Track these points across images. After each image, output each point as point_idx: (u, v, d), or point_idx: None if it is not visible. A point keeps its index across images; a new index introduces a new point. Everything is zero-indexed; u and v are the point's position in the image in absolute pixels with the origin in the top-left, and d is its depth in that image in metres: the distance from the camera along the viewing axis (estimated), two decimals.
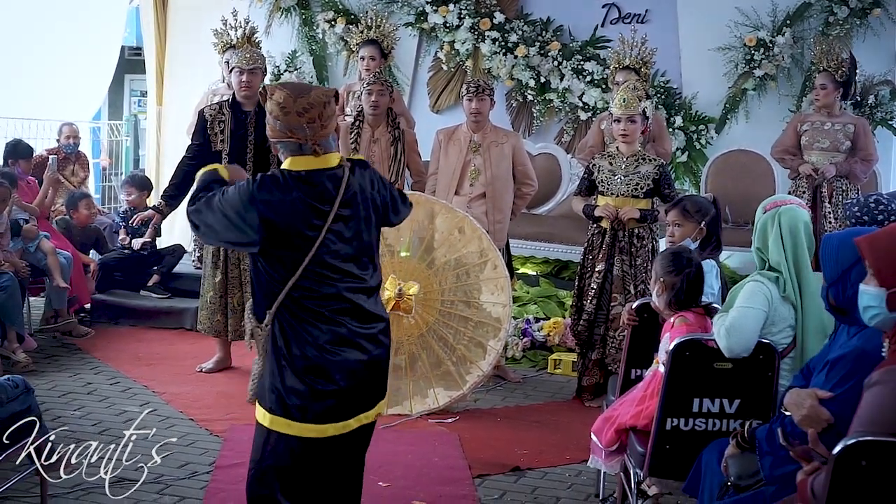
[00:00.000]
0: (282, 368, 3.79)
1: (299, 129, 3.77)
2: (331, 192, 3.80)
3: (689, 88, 9.92)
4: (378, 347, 3.91)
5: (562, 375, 7.83)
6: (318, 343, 3.76)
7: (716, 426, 4.28)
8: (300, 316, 3.77)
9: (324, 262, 3.76)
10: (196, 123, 7.43)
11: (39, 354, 7.76)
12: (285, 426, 3.80)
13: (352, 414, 3.84)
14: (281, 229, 3.72)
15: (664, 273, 4.67)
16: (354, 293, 3.85)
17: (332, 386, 3.76)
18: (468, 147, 7.53)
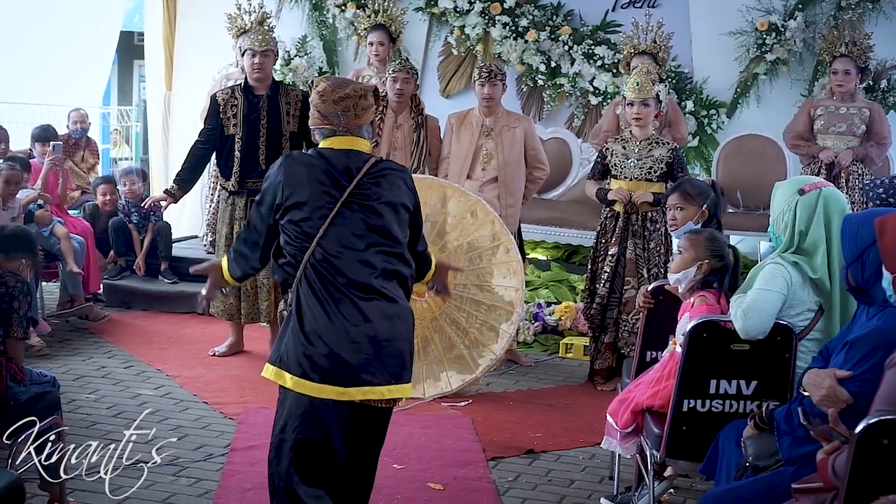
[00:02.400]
0: (290, 328, 3.93)
1: (334, 115, 4.04)
2: (353, 169, 3.98)
3: (701, 73, 9.89)
4: (391, 329, 3.94)
5: (573, 359, 7.84)
6: (324, 310, 3.87)
7: (733, 408, 4.27)
8: (312, 284, 3.90)
9: (339, 234, 3.91)
10: (208, 107, 7.45)
11: (53, 339, 7.78)
12: (278, 375, 3.92)
13: (351, 383, 3.86)
14: (300, 189, 3.94)
15: (709, 255, 4.62)
16: (369, 273, 3.93)
17: (329, 349, 3.85)
18: (480, 131, 7.53)
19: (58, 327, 8.14)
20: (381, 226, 3.97)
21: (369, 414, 4.02)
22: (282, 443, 3.98)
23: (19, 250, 5.09)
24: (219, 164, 7.46)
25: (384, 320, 3.93)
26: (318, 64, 10.58)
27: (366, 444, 4.11)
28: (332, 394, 3.87)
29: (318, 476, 3.96)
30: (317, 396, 3.88)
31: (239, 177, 7.25)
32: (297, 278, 3.92)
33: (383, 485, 5.14)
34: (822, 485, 3.02)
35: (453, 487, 5.32)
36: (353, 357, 3.87)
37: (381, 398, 3.96)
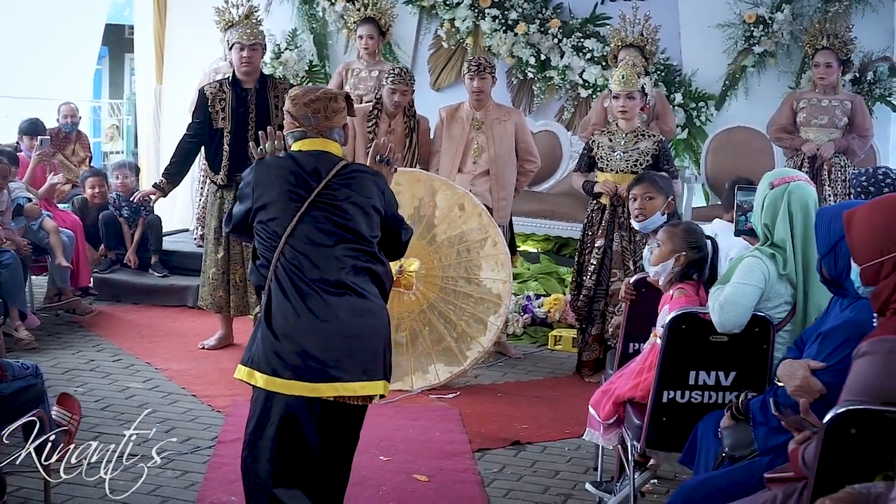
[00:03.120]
0: (259, 328, 3.97)
1: (304, 117, 4.14)
2: (322, 170, 4.06)
3: (689, 65, 9.92)
4: (362, 325, 3.97)
5: (562, 351, 7.87)
6: (294, 308, 3.90)
7: (712, 398, 4.30)
8: (282, 282, 3.94)
9: (307, 233, 3.97)
10: (197, 101, 7.47)
11: (42, 332, 7.80)
12: (249, 375, 3.96)
13: (322, 380, 3.89)
14: (268, 190, 4.03)
15: (686, 247, 4.65)
16: (339, 268, 3.97)
17: (298, 346, 3.88)
18: (471, 125, 7.55)
19: (47, 321, 8.16)
20: (349, 225, 4.02)
21: (343, 411, 4.03)
22: (255, 441, 4.02)
23: None
24: (208, 157, 7.49)
25: (355, 316, 3.96)
26: (308, 57, 10.59)
27: (340, 441, 4.13)
28: (303, 391, 3.90)
29: (293, 473, 4.00)
30: (288, 394, 3.91)
31: (228, 170, 7.27)
32: (268, 278, 3.97)
33: (369, 476, 5.19)
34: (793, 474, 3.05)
35: (438, 479, 5.36)
36: (323, 353, 3.89)
37: (354, 395, 3.97)
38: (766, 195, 4.29)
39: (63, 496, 4.95)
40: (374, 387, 4.02)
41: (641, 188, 5.73)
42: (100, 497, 4.98)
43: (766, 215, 4.29)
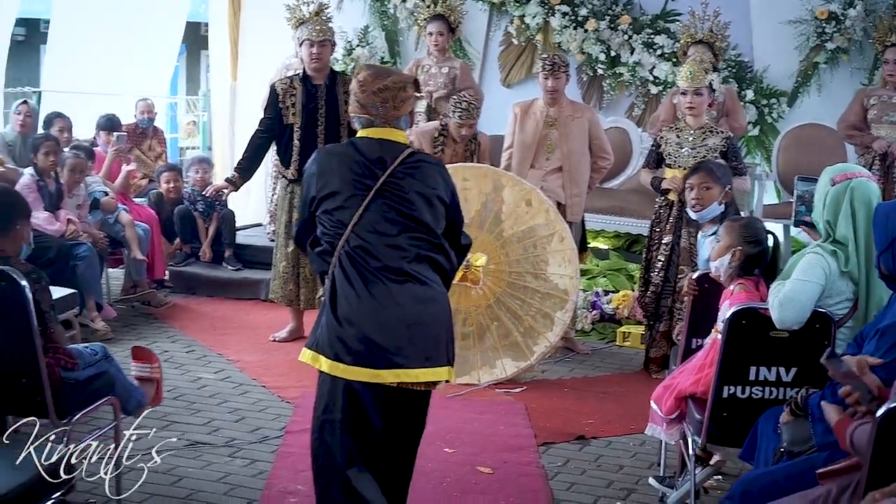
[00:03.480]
0: (323, 314, 4.03)
1: (372, 106, 4.11)
2: (387, 159, 4.06)
3: (761, 62, 9.85)
4: (424, 312, 4.01)
5: (630, 348, 7.88)
6: (358, 294, 3.95)
7: (772, 394, 4.31)
8: (346, 269, 3.98)
9: (372, 221, 3.99)
10: (268, 97, 7.59)
11: (118, 323, 7.98)
12: (314, 359, 4.01)
13: (384, 366, 3.94)
14: (332, 179, 4.05)
15: (743, 242, 4.66)
16: (402, 257, 4.01)
17: (361, 332, 3.92)
18: (544, 121, 7.54)
19: (123, 312, 8.35)
20: (414, 215, 4.03)
21: (406, 396, 4.09)
22: (323, 424, 4.07)
23: None
24: (278, 153, 7.61)
25: (417, 303, 4.00)
26: (379, 54, 10.68)
27: (405, 426, 4.18)
28: (365, 376, 3.95)
29: (361, 457, 4.06)
30: (350, 379, 3.97)
31: (298, 165, 7.37)
32: (332, 265, 4.01)
33: (434, 468, 5.25)
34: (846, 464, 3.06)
35: (502, 471, 5.41)
36: (386, 340, 3.94)
37: (416, 381, 4.02)
38: (827, 191, 4.26)
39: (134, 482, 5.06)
40: (437, 373, 4.06)
41: (698, 178, 5.75)
42: (170, 483, 5.12)
43: (827, 212, 4.26)
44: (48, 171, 7.64)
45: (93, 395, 4.68)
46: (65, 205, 7.73)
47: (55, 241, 7.42)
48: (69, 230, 7.57)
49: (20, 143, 8.57)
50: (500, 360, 6.88)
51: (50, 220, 7.53)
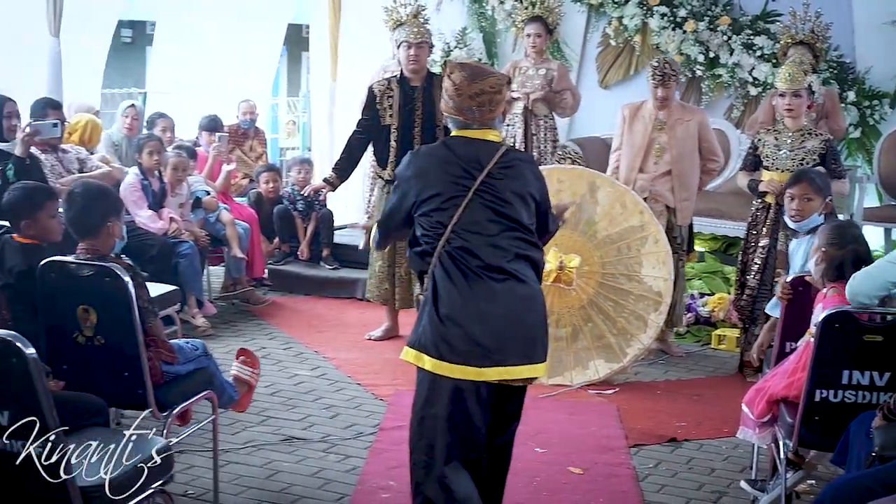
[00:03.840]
0: (426, 312, 4.07)
1: (468, 110, 4.14)
2: (483, 159, 4.10)
3: (863, 63, 9.70)
4: (525, 310, 4.08)
5: (725, 351, 7.83)
6: (459, 293, 4.00)
7: (865, 398, 4.27)
8: (447, 269, 4.04)
9: (472, 221, 4.04)
10: (366, 99, 7.68)
11: (218, 320, 8.14)
12: (417, 358, 4.06)
13: (488, 364, 3.99)
14: (430, 180, 4.09)
15: (827, 244, 4.64)
16: (501, 255, 4.06)
17: (465, 331, 3.98)
18: (653, 125, 7.48)
19: (222, 309, 8.52)
20: (510, 214, 4.09)
21: (507, 393, 4.16)
22: (423, 420, 4.12)
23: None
24: (376, 153, 7.71)
25: (518, 301, 4.06)
26: (477, 55, 10.73)
27: (504, 424, 4.25)
28: (469, 374, 4.00)
29: (459, 454, 4.11)
30: (455, 377, 4.02)
31: (394, 166, 7.42)
32: (432, 264, 4.06)
33: (524, 468, 5.28)
34: None
35: (593, 472, 5.43)
36: (489, 338, 3.99)
37: (517, 378, 4.08)
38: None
39: (231, 475, 5.19)
40: (535, 370, 4.12)
41: (800, 189, 5.70)
42: (265, 477, 5.22)
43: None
44: (152, 170, 7.82)
45: (192, 389, 4.81)
46: (168, 203, 7.91)
47: (158, 239, 7.60)
48: (172, 228, 7.74)
49: (126, 143, 8.78)
50: (593, 361, 6.88)
51: (153, 218, 7.71)
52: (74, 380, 4.51)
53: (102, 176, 7.44)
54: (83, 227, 4.63)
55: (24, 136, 6.57)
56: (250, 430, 5.81)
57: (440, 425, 4.08)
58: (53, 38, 8.30)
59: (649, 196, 7.36)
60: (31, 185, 5.23)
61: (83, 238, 4.63)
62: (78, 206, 4.62)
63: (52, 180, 6.92)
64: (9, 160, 6.46)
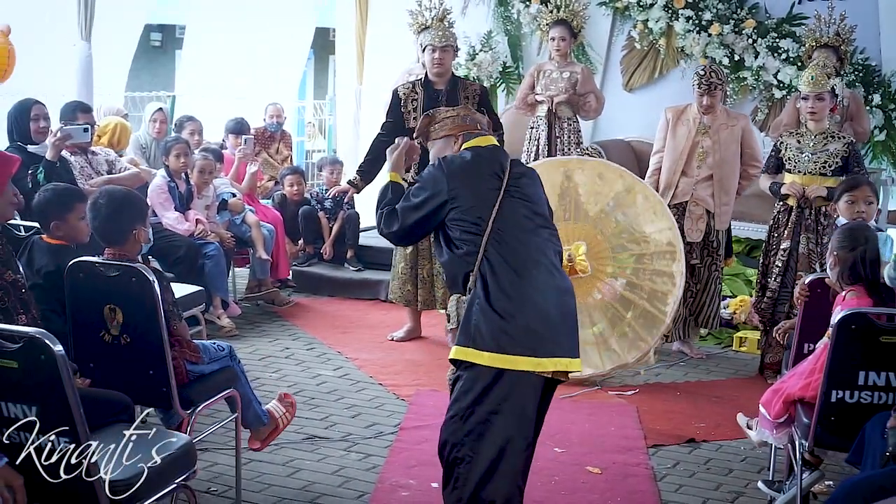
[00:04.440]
0: (477, 309, 4.10)
1: (469, 120, 4.49)
2: (503, 162, 4.31)
3: (889, 65, 9.68)
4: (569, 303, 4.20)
5: (747, 353, 7.85)
6: (512, 287, 4.08)
7: (882, 399, 4.30)
8: (495, 266, 4.11)
9: (510, 218, 4.18)
10: (390, 102, 7.74)
11: (243, 321, 8.22)
12: (474, 356, 4.08)
13: (546, 354, 4.06)
14: (463, 183, 4.20)
15: (839, 248, 4.73)
16: (543, 251, 4.20)
17: (523, 323, 4.05)
18: (697, 129, 7.46)
19: (247, 310, 8.60)
20: (541, 211, 4.29)
21: (549, 386, 4.23)
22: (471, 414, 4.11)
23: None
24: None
25: (563, 294, 4.19)
26: (502, 59, 10.79)
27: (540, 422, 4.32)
28: (528, 365, 4.05)
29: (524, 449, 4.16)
30: (515, 369, 4.06)
31: (418, 169, 7.49)
32: (478, 262, 4.12)
33: (543, 467, 5.32)
34: None
35: (611, 472, 5.48)
36: (546, 329, 4.08)
37: (567, 369, 4.16)
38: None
39: (253, 472, 5.26)
40: (577, 363, 4.20)
41: (862, 192, 5.76)
42: (287, 475, 5.30)
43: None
44: (179, 172, 7.91)
45: (216, 388, 4.88)
46: (194, 205, 8.00)
47: (184, 240, 7.68)
48: (198, 230, 7.83)
49: (154, 145, 8.88)
50: (639, 334, 6.82)
51: (180, 219, 7.80)
52: (101, 377, 4.58)
53: (130, 177, 7.56)
54: (109, 235, 4.72)
55: (56, 140, 6.67)
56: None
57: (494, 420, 4.08)
58: (84, 42, 8.39)
59: (690, 199, 7.47)
60: (61, 187, 5.33)
61: (109, 245, 4.72)
62: (103, 214, 4.70)
63: (82, 182, 7.05)
64: (39, 163, 6.56)
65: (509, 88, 10.80)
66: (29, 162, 6.49)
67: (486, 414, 4.09)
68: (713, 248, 7.52)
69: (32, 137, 6.82)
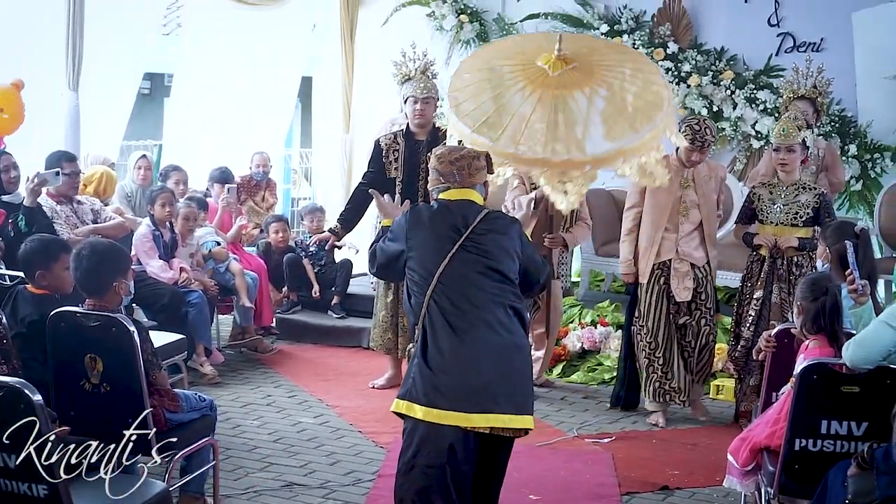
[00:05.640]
0: (416, 364, 4.29)
1: (450, 174, 4.49)
2: (469, 217, 4.39)
3: (865, 116, 9.85)
4: (513, 361, 4.28)
5: (723, 401, 7.92)
6: (449, 343, 4.22)
7: (844, 448, 4.41)
8: (435, 319, 4.27)
9: (459, 273, 4.29)
10: (372, 151, 7.87)
11: (226, 368, 8.30)
12: (408, 409, 4.26)
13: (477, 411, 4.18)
14: (421, 234, 4.38)
15: (802, 298, 4.88)
16: (489, 307, 4.29)
17: (454, 379, 4.18)
18: (679, 182, 7.13)
19: (230, 357, 8.69)
20: (497, 267, 4.33)
21: (494, 443, 4.32)
22: (411, 469, 4.30)
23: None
24: None
25: (506, 351, 4.27)
26: None
27: (491, 473, 4.41)
28: (458, 421, 4.19)
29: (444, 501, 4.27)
30: (445, 424, 4.19)
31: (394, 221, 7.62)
32: (421, 316, 4.26)
33: None
34: None
35: None
36: (478, 386, 4.19)
37: (505, 427, 4.25)
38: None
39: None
40: (524, 420, 4.31)
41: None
42: None
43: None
44: (164, 221, 8.02)
45: (194, 436, 4.97)
46: (178, 253, 8.11)
47: (168, 289, 7.79)
48: (182, 278, 7.93)
49: (139, 193, 9.00)
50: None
51: (164, 268, 7.90)
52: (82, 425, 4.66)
53: (115, 227, 7.70)
54: (90, 287, 4.84)
55: (32, 186, 6.84)
56: (252, 475, 5.95)
57: (431, 473, 4.24)
58: (72, 92, 8.53)
59: (675, 256, 7.18)
60: (47, 238, 5.44)
61: (90, 296, 4.82)
62: (84, 266, 4.82)
63: (67, 231, 7.17)
64: (16, 211, 6.72)
65: None
66: (8, 212, 6.65)
67: (423, 468, 4.23)
68: (701, 301, 7.27)
69: (4, 187, 6.98)
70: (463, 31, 10.89)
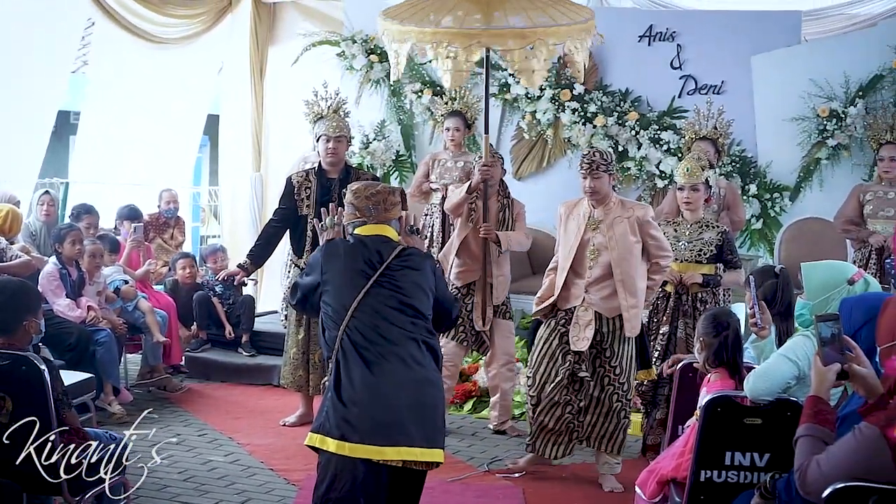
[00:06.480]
0: (328, 397, 4.35)
1: (366, 209, 4.61)
2: (384, 252, 4.50)
3: (764, 157, 10.14)
4: (425, 395, 4.35)
5: (631, 435, 7.96)
6: (361, 377, 4.28)
7: (747, 479, 4.53)
8: (347, 353, 4.33)
9: (372, 307, 4.37)
10: (284, 189, 7.91)
11: (134, 407, 8.21)
12: (321, 442, 4.31)
13: (389, 444, 4.23)
14: (336, 268, 4.48)
15: (704, 333, 5.01)
16: (401, 341, 4.37)
17: (366, 412, 4.24)
18: (587, 223, 6.73)
19: (139, 396, 8.61)
20: (410, 302, 4.41)
21: (406, 476, 4.37)
22: (325, 503, 4.34)
23: None
24: (292, 242, 7.92)
25: (417, 386, 4.34)
26: (395, 147, 10.99)
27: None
28: (371, 454, 4.24)
29: None
30: (356, 457, 4.23)
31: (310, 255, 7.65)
32: (335, 350, 4.31)
33: None
34: None
35: None
36: (389, 420, 4.25)
37: (417, 459, 4.31)
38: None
39: None
40: (434, 454, 4.37)
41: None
42: None
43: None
44: (71, 259, 7.95)
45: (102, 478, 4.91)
46: (86, 292, 8.04)
47: (76, 327, 7.72)
48: (89, 316, 7.87)
49: (44, 230, 8.91)
50: None
51: (71, 307, 7.83)
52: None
53: (21, 266, 7.62)
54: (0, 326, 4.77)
55: None
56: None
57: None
58: None
59: (580, 305, 6.69)
60: None
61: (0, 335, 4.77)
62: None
63: None
64: None
65: (402, 176, 11.00)
66: None
67: (336, 502, 4.28)
68: (606, 358, 6.70)
69: None
70: (373, 71, 10.96)
